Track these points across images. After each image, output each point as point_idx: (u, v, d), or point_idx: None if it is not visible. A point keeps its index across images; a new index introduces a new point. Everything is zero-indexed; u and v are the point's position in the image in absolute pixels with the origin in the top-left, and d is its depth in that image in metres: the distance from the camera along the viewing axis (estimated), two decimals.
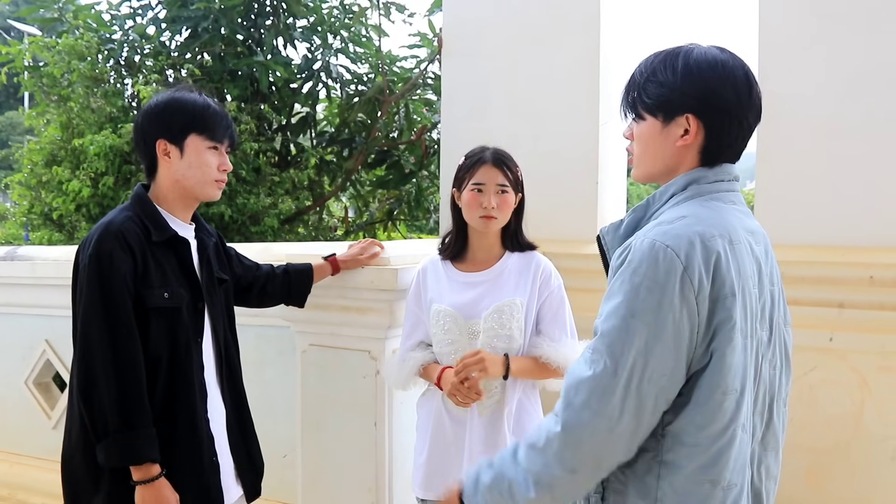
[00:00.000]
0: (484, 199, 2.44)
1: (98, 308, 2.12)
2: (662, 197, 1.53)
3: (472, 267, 2.56)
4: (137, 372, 2.14)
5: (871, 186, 3.09)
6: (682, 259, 1.35)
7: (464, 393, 2.37)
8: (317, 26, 6.96)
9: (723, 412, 1.38)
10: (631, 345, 1.36)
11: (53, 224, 6.46)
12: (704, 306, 1.35)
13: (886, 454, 2.94)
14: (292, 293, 2.76)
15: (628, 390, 1.36)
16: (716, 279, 1.36)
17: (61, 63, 6.24)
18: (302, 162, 6.96)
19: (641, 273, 1.37)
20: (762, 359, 1.49)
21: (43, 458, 4.07)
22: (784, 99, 3.24)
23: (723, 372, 1.37)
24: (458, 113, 4.10)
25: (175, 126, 2.27)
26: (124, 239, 2.16)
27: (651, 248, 1.37)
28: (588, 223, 3.69)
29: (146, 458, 2.13)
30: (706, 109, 1.49)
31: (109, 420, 2.09)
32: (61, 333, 4.01)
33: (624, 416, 1.36)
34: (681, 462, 1.41)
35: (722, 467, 1.40)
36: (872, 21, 3.10)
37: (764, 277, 1.50)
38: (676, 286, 1.34)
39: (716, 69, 1.49)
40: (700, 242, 1.37)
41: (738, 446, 1.41)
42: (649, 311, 1.35)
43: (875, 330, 2.95)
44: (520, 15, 3.89)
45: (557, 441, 1.40)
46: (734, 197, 1.53)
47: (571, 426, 1.39)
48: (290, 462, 3.26)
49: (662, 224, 1.44)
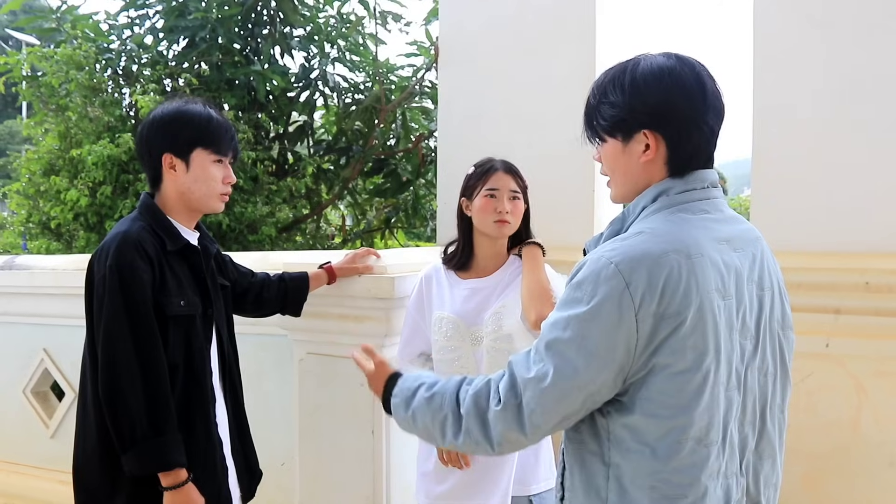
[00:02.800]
0: (498, 204, 2.48)
1: (122, 317, 2.14)
2: (635, 210, 1.53)
3: (476, 274, 2.57)
4: (163, 379, 2.17)
5: (866, 192, 3.10)
6: (624, 276, 1.37)
7: (453, 457, 2.46)
8: (314, 35, 6.97)
9: (663, 423, 1.39)
10: (567, 353, 1.40)
11: (51, 233, 6.46)
12: (646, 323, 1.36)
13: (884, 459, 2.95)
14: (288, 301, 2.77)
15: (561, 393, 1.41)
16: (664, 296, 1.36)
17: (59, 73, 6.25)
18: (299, 170, 6.97)
19: (583, 288, 1.40)
20: (745, 368, 1.48)
21: (41, 467, 4.07)
22: (779, 106, 3.25)
23: (662, 387, 1.38)
24: (454, 121, 4.11)
25: (181, 140, 2.29)
26: (143, 248, 2.19)
27: (596, 264, 1.40)
28: (584, 230, 3.70)
29: (175, 464, 2.16)
30: (660, 122, 1.49)
31: (138, 428, 2.12)
32: (59, 342, 4.01)
33: (552, 416, 1.44)
34: (625, 464, 1.44)
35: (669, 474, 1.41)
36: (866, 28, 3.12)
37: (745, 285, 1.49)
38: (615, 302, 1.36)
39: (662, 79, 1.49)
40: (649, 259, 1.38)
41: (690, 457, 1.40)
42: (585, 323, 1.39)
43: (871, 335, 2.95)
44: (516, 24, 3.91)
45: (494, 418, 1.48)
46: (707, 205, 1.51)
47: (506, 418, 1.46)
48: (288, 470, 3.26)
49: (618, 240, 1.45)
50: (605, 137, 1.58)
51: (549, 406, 1.42)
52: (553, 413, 1.43)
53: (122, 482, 2.20)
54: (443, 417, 1.56)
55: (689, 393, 1.38)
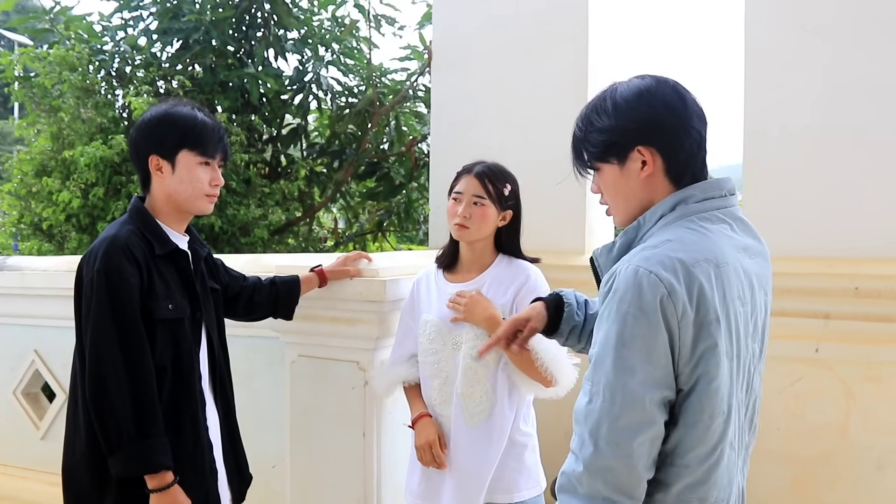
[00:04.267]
0: (459, 207, 2.47)
1: (109, 320, 2.15)
2: (652, 218, 1.54)
3: (461, 277, 2.58)
4: (149, 382, 2.18)
5: (857, 198, 3.12)
6: (665, 285, 1.36)
7: (428, 458, 2.47)
8: (308, 38, 6.97)
9: (710, 434, 1.41)
10: (625, 373, 1.37)
11: (43, 234, 6.43)
12: (688, 332, 1.37)
13: (871, 463, 2.96)
14: (279, 305, 2.78)
15: (625, 400, 1.37)
16: (700, 306, 1.38)
17: (52, 74, 6.23)
18: (292, 173, 6.96)
19: (627, 301, 1.38)
20: (754, 371, 1.52)
21: (31, 468, 4.06)
22: (770, 112, 3.28)
23: (709, 396, 1.39)
24: (447, 125, 4.13)
25: (167, 142, 2.31)
26: (131, 252, 2.20)
27: (635, 275, 1.39)
28: (576, 235, 3.72)
29: (161, 466, 2.17)
30: (652, 136, 1.52)
31: (124, 430, 2.12)
32: (50, 344, 4.00)
33: (624, 429, 1.37)
34: (670, 480, 1.43)
35: (711, 486, 1.43)
36: (856, 36, 3.14)
37: (758, 291, 1.52)
38: (659, 311, 1.36)
39: (643, 97, 1.53)
40: (683, 269, 1.38)
41: (726, 464, 1.44)
42: (637, 337, 1.37)
43: (860, 340, 2.97)
44: (509, 27, 3.92)
45: (584, 479, 1.40)
46: (726, 213, 1.53)
47: (590, 460, 1.39)
48: (279, 472, 3.26)
49: (647, 248, 1.45)
50: (599, 165, 1.60)
51: (616, 416, 1.37)
52: (628, 435, 1.37)
53: (110, 484, 2.21)
54: None
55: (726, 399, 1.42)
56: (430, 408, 2.56)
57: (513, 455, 2.48)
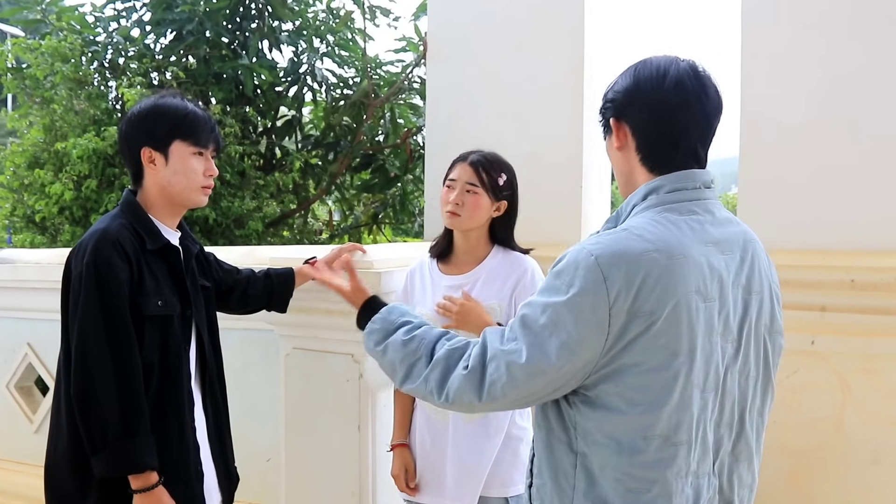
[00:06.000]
0: (452, 194, 2.45)
1: (97, 315, 2.10)
2: (626, 208, 1.55)
3: (456, 269, 2.54)
4: (137, 380, 2.12)
5: (853, 191, 3.12)
6: (603, 270, 1.38)
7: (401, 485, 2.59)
8: (302, 30, 6.95)
9: (629, 420, 1.40)
10: (540, 337, 1.43)
11: (36, 227, 6.41)
12: (619, 319, 1.37)
13: (867, 456, 2.96)
14: (274, 297, 2.75)
15: (527, 374, 1.44)
16: (640, 294, 1.37)
17: (44, 65, 6.20)
18: (287, 165, 6.95)
19: (563, 277, 1.43)
20: (726, 370, 1.48)
21: (24, 462, 4.05)
22: (766, 104, 3.27)
23: (630, 383, 1.39)
24: (442, 117, 4.11)
25: (159, 133, 2.26)
26: (121, 247, 2.15)
27: (577, 255, 1.43)
28: (572, 227, 3.71)
29: (146, 466, 2.11)
30: (620, 110, 1.55)
31: (110, 429, 2.07)
32: (43, 337, 3.99)
33: (511, 392, 1.48)
34: (592, 455, 1.45)
35: (633, 468, 1.42)
36: (852, 29, 3.13)
37: (730, 288, 1.48)
38: (591, 294, 1.38)
39: (626, 72, 1.55)
40: (629, 256, 1.38)
41: (656, 454, 1.41)
42: (561, 311, 1.41)
43: (856, 333, 2.97)
44: (505, 19, 3.91)
45: (456, 377, 1.55)
46: (697, 206, 1.51)
47: (467, 380, 1.53)
48: (274, 466, 3.25)
49: (603, 234, 1.47)
50: (605, 133, 1.64)
51: (511, 381, 1.46)
52: (513, 389, 1.47)
53: (92, 484, 2.15)
54: (413, 361, 1.65)
55: (656, 391, 1.39)
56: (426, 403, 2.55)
57: (509, 449, 2.46)
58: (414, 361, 1.65)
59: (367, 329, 1.79)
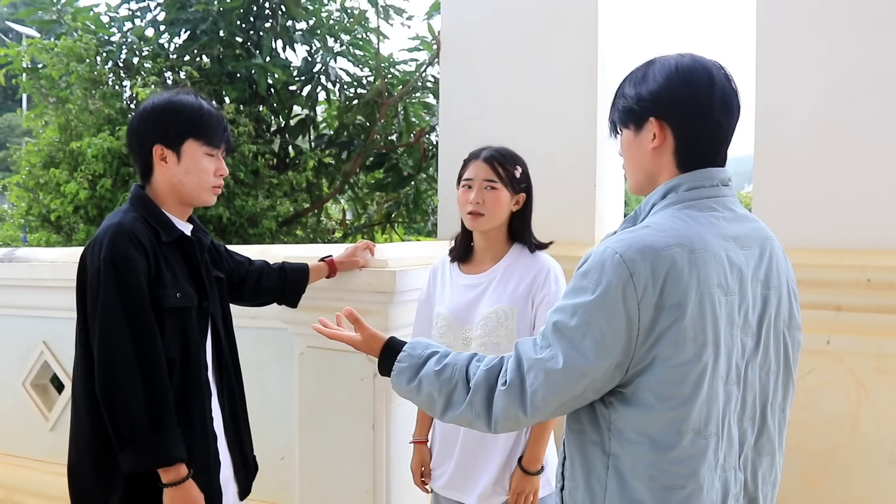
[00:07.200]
0: (471, 194, 2.41)
1: (118, 310, 2.09)
2: (645, 207, 1.58)
3: (475, 269, 2.52)
4: (162, 372, 2.12)
5: (868, 189, 3.10)
6: (629, 267, 1.40)
7: (416, 480, 2.61)
8: (316, 29, 6.95)
9: (664, 415, 1.42)
10: (574, 339, 1.44)
11: (51, 226, 6.44)
12: (648, 313, 1.39)
13: (883, 456, 2.95)
14: (287, 291, 2.75)
15: (566, 377, 1.44)
16: (665, 288, 1.39)
17: (59, 65, 6.23)
18: (300, 164, 6.96)
19: (589, 277, 1.44)
20: (746, 364, 1.50)
21: (40, 459, 4.08)
22: (781, 103, 3.25)
23: (663, 378, 1.40)
24: (455, 115, 4.11)
25: (172, 131, 2.25)
26: (137, 240, 2.14)
27: (602, 255, 1.44)
28: (586, 226, 3.70)
29: (176, 459, 2.12)
30: (666, 111, 1.54)
31: (137, 424, 2.07)
32: (59, 335, 4.01)
33: (553, 399, 1.47)
34: (625, 455, 1.46)
35: (668, 464, 1.43)
36: (868, 26, 3.11)
37: (749, 282, 1.50)
38: (619, 291, 1.40)
39: (670, 72, 1.55)
40: (652, 251, 1.41)
41: (689, 449, 1.42)
42: (591, 311, 1.42)
43: (872, 333, 2.96)
44: (518, 18, 3.90)
45: (498, 397, 1.53)
46: (716, 203, 1.53)
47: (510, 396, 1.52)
48: (288, 464, 3.26)
49: (625, 232, 1.49)
50: (621, 129, 1.64)
51: (552, 388, 1.46)
52: (555, 396, 1.47)
53: (116, 480, 2.15)
54: (450, 389, 1.62)
55: (689, 384, 1.40)
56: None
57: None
58: (451, 389, 1.62)
59: (396, 370, 1.73)
